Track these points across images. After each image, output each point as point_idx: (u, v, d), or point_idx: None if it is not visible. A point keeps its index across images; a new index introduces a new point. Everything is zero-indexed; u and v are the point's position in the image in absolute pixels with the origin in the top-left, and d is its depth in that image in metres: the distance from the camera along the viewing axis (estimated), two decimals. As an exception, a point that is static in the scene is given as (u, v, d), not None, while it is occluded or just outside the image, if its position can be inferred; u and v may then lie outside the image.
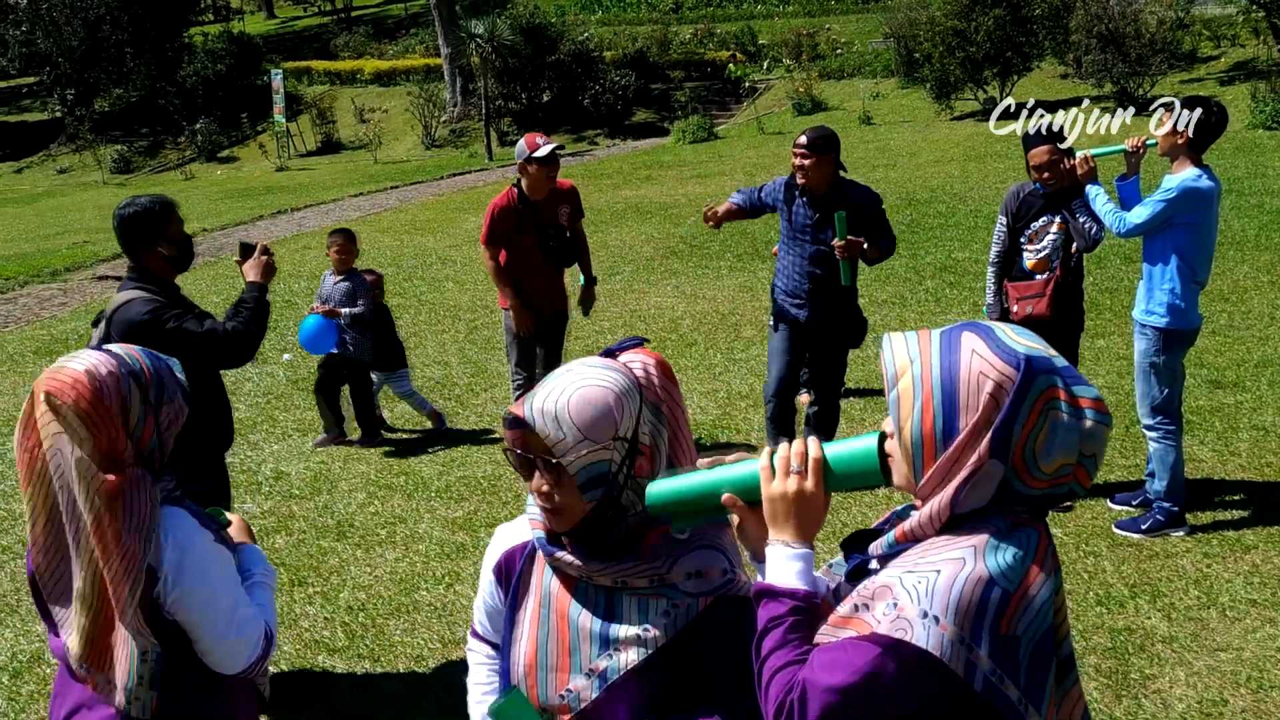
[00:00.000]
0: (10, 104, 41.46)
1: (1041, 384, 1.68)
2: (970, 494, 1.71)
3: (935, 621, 1.63)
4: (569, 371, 2.01)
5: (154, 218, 4.38)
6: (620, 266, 12.75)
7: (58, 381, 2.38)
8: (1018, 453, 1.69)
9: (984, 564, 1.66)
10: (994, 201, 14.19)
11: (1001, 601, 1.65)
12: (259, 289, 4.57)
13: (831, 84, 28.15)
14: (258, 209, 20.34)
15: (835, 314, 6.28)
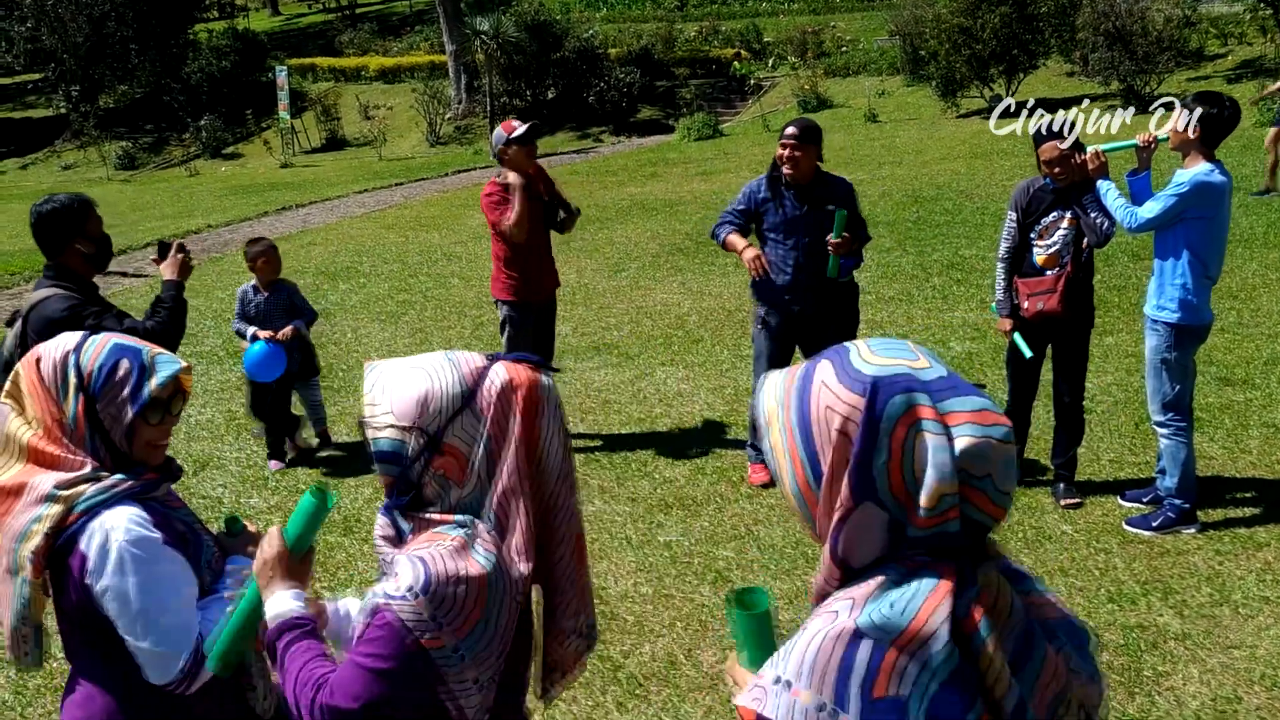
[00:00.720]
0: (15, 100, 41.49)
1: (897, 406, 1.45)
2: (850, 544, 1.49)
3: (787, 687, 1.45)
4: (422, 356, 2.09)
5: (72, 215, 4.34)
6: (626, 263, 12.73)
7: (30, 357, 2.49)
8: (895, 490, 1.46)
9: (855, 616, 1.43)
10: (1000, 199, 14.16)
11: (872, 658, 1.42)
12: (176, 287, 4.56)
13: (837, 81, 28.11)
14: (262, 205, 20.32)
15: (827, 306, 6.27)
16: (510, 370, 2.05)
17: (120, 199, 24.38)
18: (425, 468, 2.02)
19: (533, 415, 2.04)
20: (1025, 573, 1.60)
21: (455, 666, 1.94)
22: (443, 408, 2.00)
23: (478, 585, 1.95)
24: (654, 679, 4.51)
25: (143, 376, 2.53)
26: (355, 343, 10.12)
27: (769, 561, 5.43)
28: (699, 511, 6.07)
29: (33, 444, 2.43)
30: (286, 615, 2.13)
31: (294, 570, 2.20)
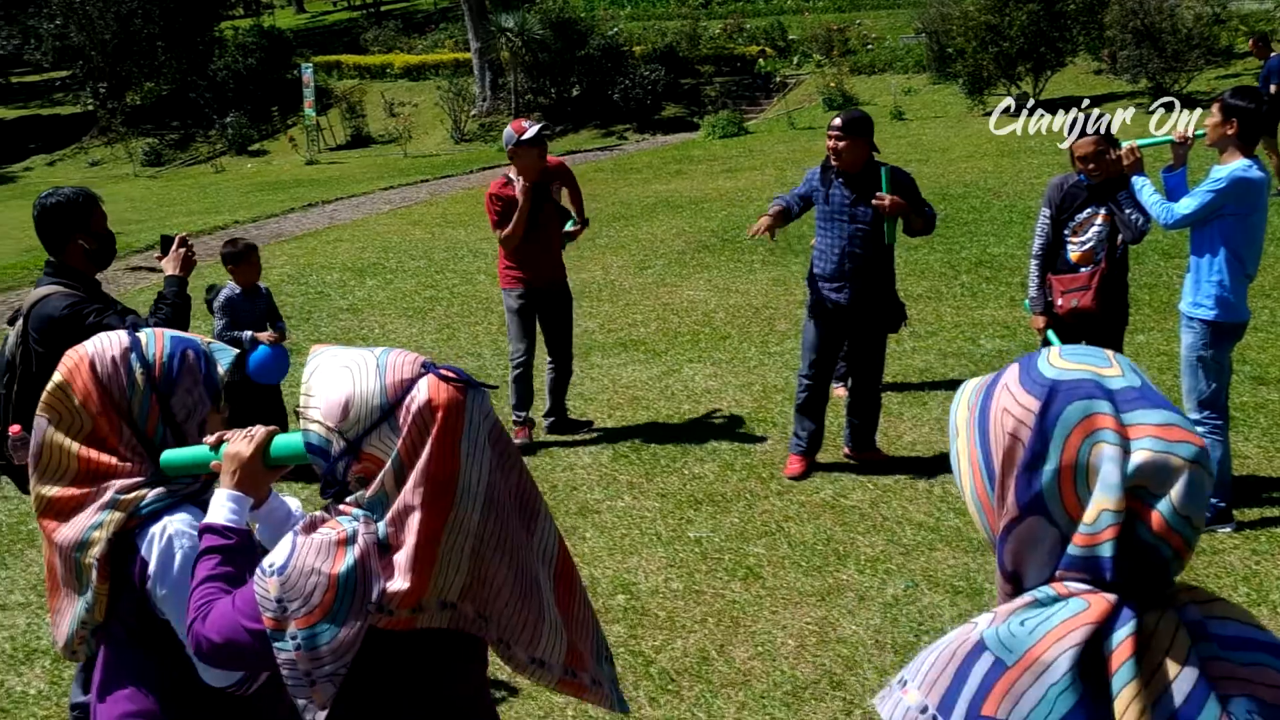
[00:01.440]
0: (43, 97, 41.73)
1: (1074, 413, 1.36)
2: (1018, 558, 1.42)
3: (901, 685, 1.41)
4: (361, 351, 2.08)
5: (76, 210, 4.24)
6: (652, 260, 12.72)
7: (72, 360, 2.42)
8: (1068, 505, 1.36)
9: (984, 630, 1.37)
10: (1029, 196, 14.08)
11: (989, 674, 1.34)
12: (179, 283, 4.44)
13: (862, 79, 28.01)
14: (289, 202, 20.39)
15: (874, 296, 6.25)
16: (433, 389, 1.99)
17: (147, 195, 24.52)
18: (346, 469, 2.03)
19: (451, 438, 1.98)
20: (1240, 637, 1.38)
21: (288, 650, 2.00)
22: (362, 417, 1.99)
23: (328, 583, 1.97)
24: (686, 674, 4.49)
25: (209, 364, 2.53)
26: (383, 338, 10.14)
27: (800, 558, 5.41)
28: (729, 508, 6.06)
29: (83, 454, 2.38)
30: (215, 523, 2.22)
31: (253, 477, 2.25)
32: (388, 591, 1.98)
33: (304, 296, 11.95)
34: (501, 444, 2.07)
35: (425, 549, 1.98)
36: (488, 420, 2.04)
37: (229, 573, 2.16)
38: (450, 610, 2.05)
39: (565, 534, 5.84)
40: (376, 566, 1.99)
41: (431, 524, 1.97)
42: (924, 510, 5.86)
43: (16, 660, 4.92)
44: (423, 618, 2.03)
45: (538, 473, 6.72)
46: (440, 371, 2.03)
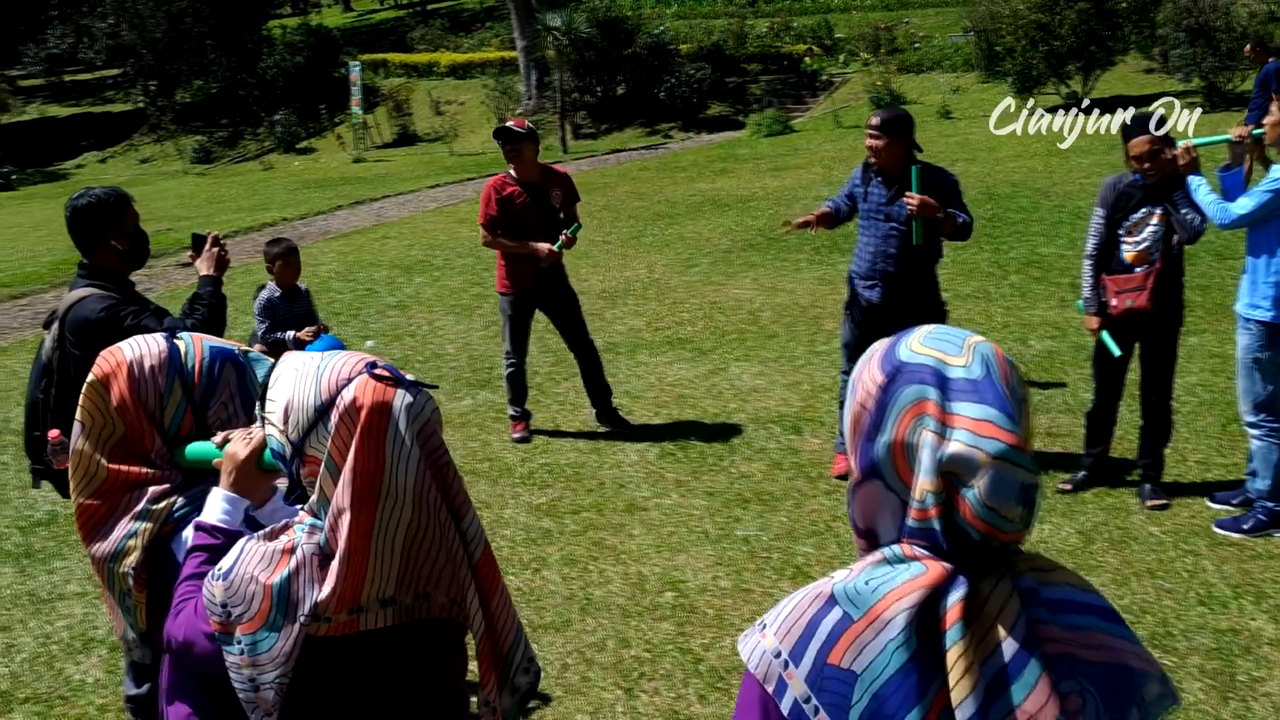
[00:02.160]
0: (95, 95, 42.29)
1: (909, 395, 1.47)
2: (864, 516, 1.54)
3: (761, 629, 1.50)
4: (313, 356, 2.09)
5: (108, 210, 4.20)
6: (697, 259, 12.71)
7: (108, 364, 2.43)
8: (901, 474, 1.48)
9: (836, 582, 1.48)
10: (1078, 196, 13.95)
11: (837, 626, 1.44)
12: (214, 282, 4.37)
13: (910, 78, 27.83)
14: (336, 199, 20.54)
15: (910, 297, 6.20)
16: (360, 389, 2.00)
17: (196, 192, 24.79)
18: (298, 471, 2.07)
19: (374, 438, 1.98)
20: (1070, 600, 1.50)
21: (234, 654, 2.04)
22: (300, 419, 2.02)
23: (264, 592, 2.01)
24: (735, 673, 4.49)
25: (244, 376, 2.53)
26: (431, 335, 10.20)
27: (849, 558, 5.39)
28: (777, 506, 6.05)
29: (113, 462, 2.40)
30: (206, 522, 2.28)
31: (248, 478, 2.30)
32: (320, 600, 2.00)
33: (352, 294, 12.04)
34: (432, 444, 2.06)
35: (356, 552, 1.99)
36: (418, 420, 2.03)
37: (206, 572, 2.19)
38: (391, 606, 2.06)
39: (612, 530, 5.87)
40: (313, 575, 2.01)
41: (360, 526, 1.98)
42: (974, 511, 5.82)
43: (74, 649, 5.00)
44: (365, 618, 2.04)
45: (584, 470, 6.74)
46: (375, 371, 2.03)
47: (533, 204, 7.12)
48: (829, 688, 1.43)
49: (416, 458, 2.01)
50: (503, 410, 7.82)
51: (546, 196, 7.18)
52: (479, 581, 2.14)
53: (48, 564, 5.92)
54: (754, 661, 1.49)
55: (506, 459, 7.03)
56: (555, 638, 4.84)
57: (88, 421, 2.43)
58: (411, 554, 2.05)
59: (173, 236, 16.86)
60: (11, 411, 8.52)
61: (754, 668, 1.49)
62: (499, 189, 7.15)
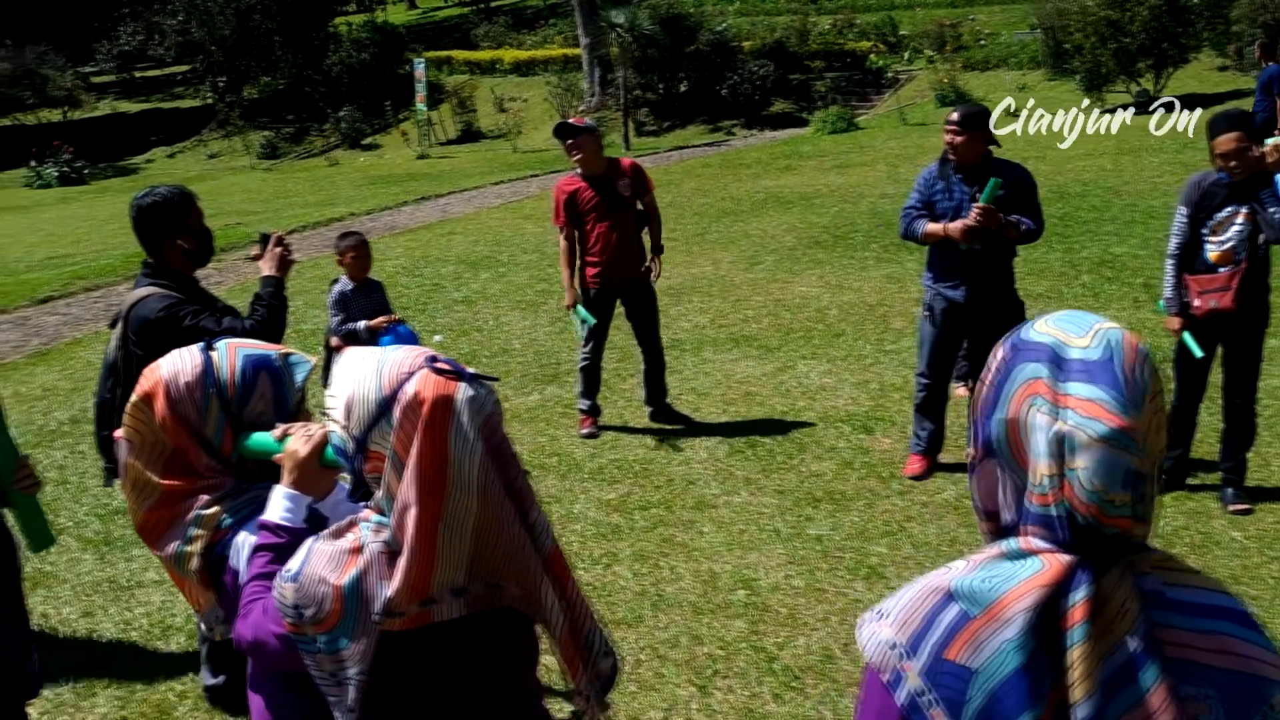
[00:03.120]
0: (165, 91, 42.93)
1: (1024, 374, 1.46)
2: (984, 495, 1.55)
3: (880, 617, 1.51)
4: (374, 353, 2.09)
5: (172, 209, 4.19)
6: (762, 256, 12.65)
7: (148, 381, 2.46)
8: (1016, 455, 1.47)
9: (955, 578, 1.47)
10: (1151, 195, 13.73)
11: (955, 622, 1.44)
12: (275, 283, 4.32)
13: (975, 75, 27.56)
14: (402, 195, 20.69)
15: (993, 295, 6.14)
16: (422, 383, 1.99)
17: (263, 187, 25.08)
18: (361, 468, 2.06)
19: (437, 431, 1.97)
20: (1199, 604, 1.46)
21: (312, 654, 2.06)
22: (361, 415, 2.02)
23: (335, 594, 2.01)
24: (810, 672, 4.46)
25: (279, 382, 2.54)
26: (497, 330, 10.24)
27: (924, 559, 5.34)
28: (848, 506, 6.00)
29: (165, 477, 2.43)
30: (270, 520, 2.28)
31: (310, 476, 2.30)
32: (391, 597, 2.00)
33: (419, 289, 12.12)
34: (495, 439, 2.05)
35: (424, 544, 1.98)
36: (480, 414, 2.02)
37: (274, 570, 2.20)
38: (463, 595, 2.05)
39: (682, 527, 5.86)
40: (382, 573, 2.01)
41: (427, 517, 1.98)
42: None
43: (154, 636, 5.07)
44: (437, 610, 2.04)
45: (653, 466, 6.74)
46: (436, 366, 2.03)
47: (601, 197, 7.12)
48: (944, 683, 1.43)
49: (480, 451, 2.00)
50: (570, 405, 7.83)
51: (614, 188, 7.18)
52: (551, 572, 2.14)
53: (126, 551, 6.01)
54: (870, 649, 1.49)
55: (575, 454, 7.04)
56: (628, 633, 4.84)
57: (136, 439, 2.46)
58: (480, 544, 2.04)
59: (241, 230, 17.07)
60: (88, 402, 8.64)
61: (870, 656, 1.49)
62: (567, 188, 7.18)
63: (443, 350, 7.85)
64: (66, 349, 10.73)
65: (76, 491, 6.91)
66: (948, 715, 1.43)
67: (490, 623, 2.13)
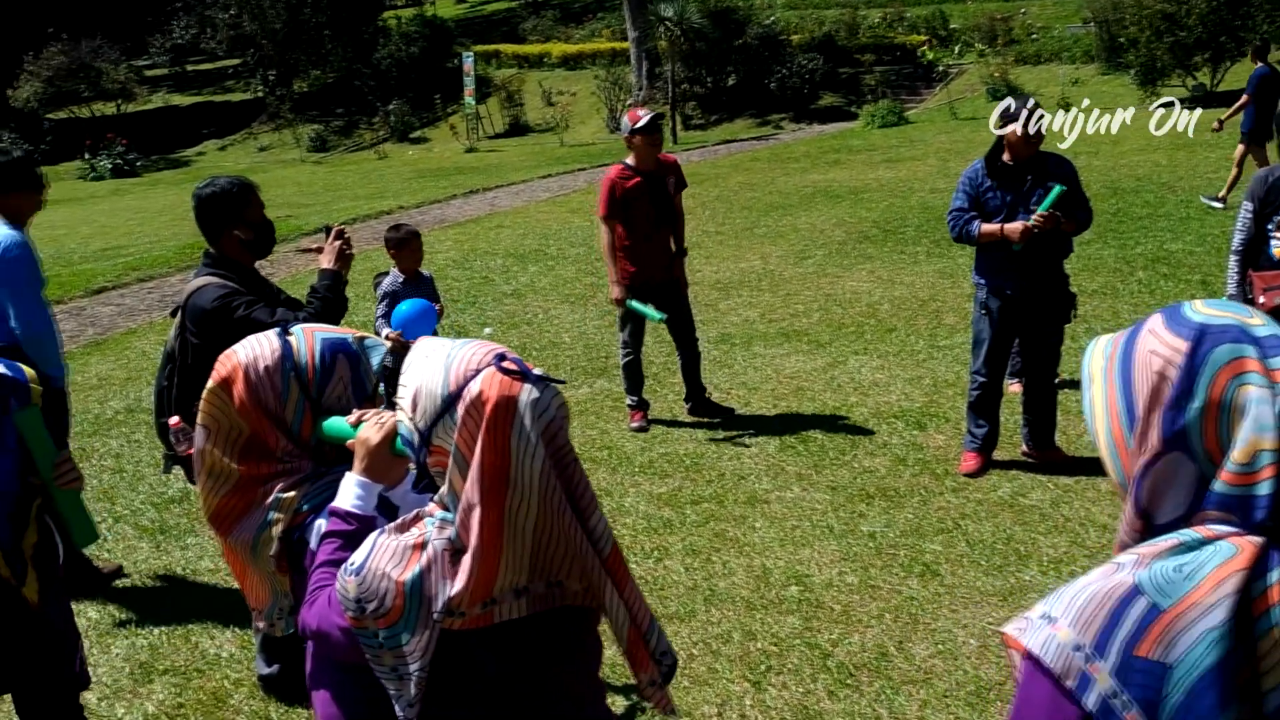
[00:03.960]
0: (216, 84, 43.36)
1: (1222, 355, 1.41)
2: (1154, 494, 1.46)
3: (1050, 621, 1.42)
4: (449, 343, 2.08)
5: (231, 200, 4.20)
6: (811, 250, 12.59)
7: (225, 367, 2.45)
8: (1208, 441, 1.41)
9: (1136, 572, 1.39)
10: (1206, 191, 13.53)
11: (1145, 617, 1.37)
12: (332, 276, 4.28)
13: (1027, 69, 27.30)
14: (450, 189, 20.77)
15: (1048, 290, 6.09)
16: (487, 382, 1.98)
17: (313, 180, 25.26)
18: (425, 460, 2.05)
19: (499, 432, 1.95)
20: None
21: (373, 648, 2.05)
22: (427, 409, 2.01)
23: (397, 590, 1.99)
24: (865, 669, 4.43)
25: (357, 365, 2.54)
26: (546, 323, 10.25)
27: (979, 557, 5.28)
28: (902, 503, 5.95)
29: (243, 462, 2.43)
30: (340, 507, 2.28)
31: (381, 464, 2.29)
32: (453, 596, 1.99)
33: (469, 281, 12.16)
34: (558, 442, 2.02)
35: (489, 547, 1.97)
36: (544, 417, 1.99)
37: (342, 558, 2.19)
38: (525, 595, 2.04)
39: (734, 522, 5.83)
40: (445, 571, 2.00)
41: (491, 520, 1.96)
42: (1108, 512, 5.67)
43: (209, 624, 5.11)
44: (499, 610, 2.03)
45: (703, 461, 6.71)
46: (503, 365, 2.00)
47: (652, 193, 7.11)
48: (1137, 681, 1.37)
49: (541, 455, 1.98)
50: (620, 399, 7.82)
51: (664, 184, 7.17)
52: (611, 575, 2.13)
53: (181, 540, 6.06)
54: (1051, 655, 1.41)
55: (625, 448, 7.03)
56: (680, 627, 4.82)
57: (213, 426, 2.46)
58: (541, 544, 2.03)
59: (291, 224, 17.20)
60: (143, 391, 8.75)
61: (1052, 662, 1.41)
62: (620, 181, 7.13)
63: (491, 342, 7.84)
64: (121, 339, 10.85)
65: (133, 480, 6.97)
66: (1143, 715, 1.37)
67: (552, 622, 2.12)
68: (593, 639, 2.25)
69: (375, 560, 2.03)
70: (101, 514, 6.35)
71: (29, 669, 3.31)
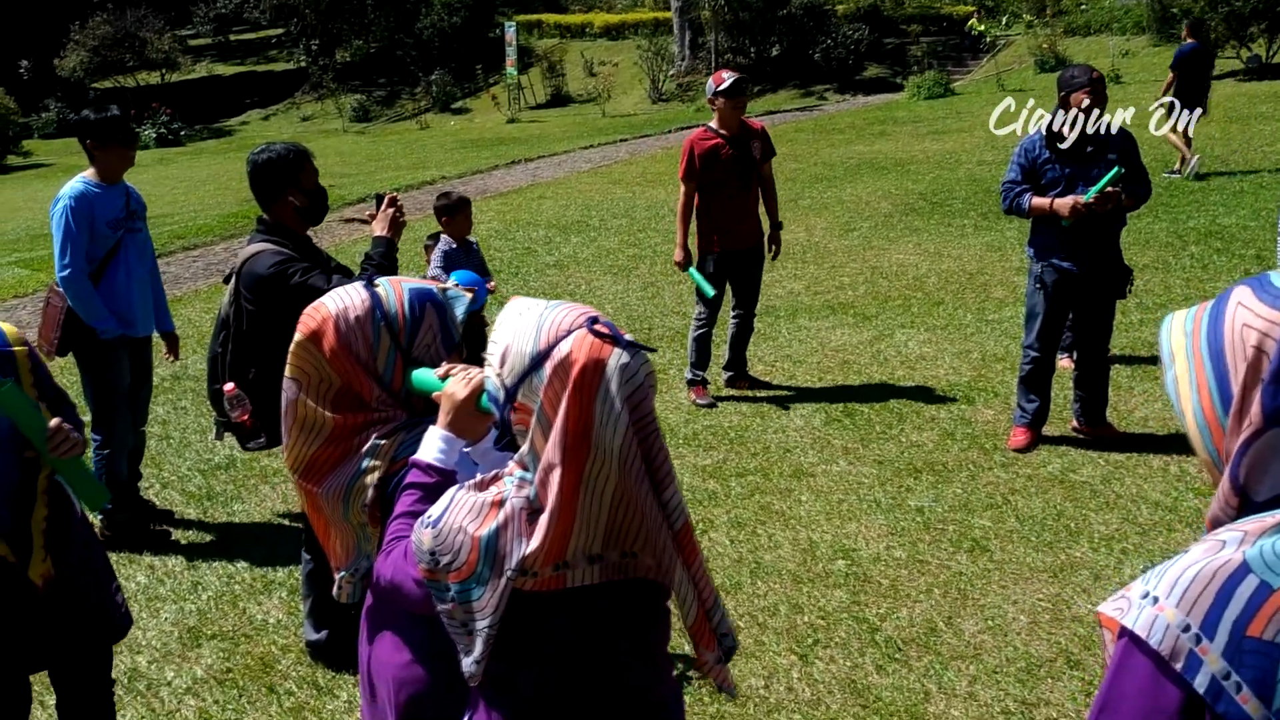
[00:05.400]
0: (259, 54, 43.52)
1: None
2: (1254, 470, 1.39)
3: (1153, 602, 1.37)
4: (541, 303, 2.06)
5: (286, 166, 4.20)
6: (857, 222, 12.48)
7: (314, 319, 2.44)
8: None
9: (1244, 549, 1.34)
10: (1259, 165, 13.31)
11: (1255, 595, 1.31)
12: (386, 244, 4.24)
13: (1076, 40, 26.89)
14: (493, 159, 20.76)
15: (1104, 264, 5.98)
16: (577, 344, 1.95)
17: (356, 150, 25.32)
18: (509, 417, 2.04)
19: (584, 395, 1.93)
20: None
21: (445, 602, 2.06)
22: (515, 366, 1.99)
23: (472, 544, 1.99)
24: (913, 644, 4.38)
25: (447, 315, 2.53)
26: (589, 294, 10.21)
27: (1029, 533, 5.22)
28: (950, 478, 5.88)
29: (338, 415, 2.43)
30: (422, 460, 2.30)
31: (465, 419, 2.30)
32: (527, 555, 1.97)
33: (512, 252, 12.14)
34: (642, 410, 1.99)
35: (565, 508, 1.96)
36: (631, 382, 1.96)
37: (421, 510, 2.19)
38: (599, 563, 2.03)
39: (780, 495, 5.79)
40: (521, 530, 1.98)
41: (569, 481, 1.94)
42: (1160, 489, 5.58)
43: (256, 590, 5.14)
44: (571, 575, 2.02)
45: (748, 434, 6.67)
46: (595, 328, 1.98)
47: (736, 157, 7.00)
48: (1249, 662, 1.31)
49: (625, 422, 1.96)
50: (663, 370, 7.78)
51: (749, 149, 7.05)
52: (681, 550, 2.10)
53: (228, 506, 6.09)
54: (1157, 636, 1.36)
55: (669, 419, 6.99)
56: (726, 600, 4.78)
57: (303, 379, 2.46)
58: (616, 512, 2.01)
59: (335, 193, 17.23)
60: (189, 358, 8.80)
61: (1158, 644, 1.36)
62: (703, 143, 7.00)
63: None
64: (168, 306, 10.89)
65: (179, 446, 7.01)
66: (1256, 697, 1.31)
67: (625, 592, 2.10)
68: (663, 614, 2.23)
69: (453, 515, 2.03)
70: (149, 480, 6.39)
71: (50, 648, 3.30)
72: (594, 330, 1.97)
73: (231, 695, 4.34)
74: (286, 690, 4.34)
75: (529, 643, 2.08)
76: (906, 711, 4.00)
